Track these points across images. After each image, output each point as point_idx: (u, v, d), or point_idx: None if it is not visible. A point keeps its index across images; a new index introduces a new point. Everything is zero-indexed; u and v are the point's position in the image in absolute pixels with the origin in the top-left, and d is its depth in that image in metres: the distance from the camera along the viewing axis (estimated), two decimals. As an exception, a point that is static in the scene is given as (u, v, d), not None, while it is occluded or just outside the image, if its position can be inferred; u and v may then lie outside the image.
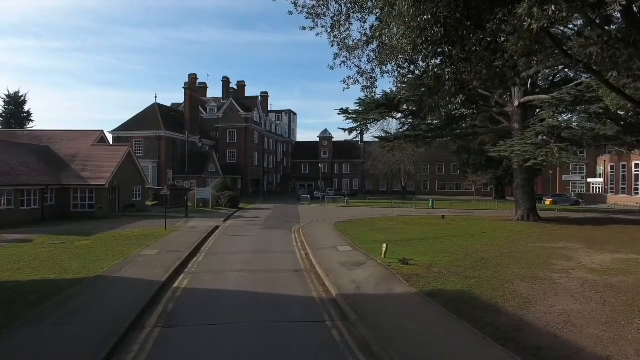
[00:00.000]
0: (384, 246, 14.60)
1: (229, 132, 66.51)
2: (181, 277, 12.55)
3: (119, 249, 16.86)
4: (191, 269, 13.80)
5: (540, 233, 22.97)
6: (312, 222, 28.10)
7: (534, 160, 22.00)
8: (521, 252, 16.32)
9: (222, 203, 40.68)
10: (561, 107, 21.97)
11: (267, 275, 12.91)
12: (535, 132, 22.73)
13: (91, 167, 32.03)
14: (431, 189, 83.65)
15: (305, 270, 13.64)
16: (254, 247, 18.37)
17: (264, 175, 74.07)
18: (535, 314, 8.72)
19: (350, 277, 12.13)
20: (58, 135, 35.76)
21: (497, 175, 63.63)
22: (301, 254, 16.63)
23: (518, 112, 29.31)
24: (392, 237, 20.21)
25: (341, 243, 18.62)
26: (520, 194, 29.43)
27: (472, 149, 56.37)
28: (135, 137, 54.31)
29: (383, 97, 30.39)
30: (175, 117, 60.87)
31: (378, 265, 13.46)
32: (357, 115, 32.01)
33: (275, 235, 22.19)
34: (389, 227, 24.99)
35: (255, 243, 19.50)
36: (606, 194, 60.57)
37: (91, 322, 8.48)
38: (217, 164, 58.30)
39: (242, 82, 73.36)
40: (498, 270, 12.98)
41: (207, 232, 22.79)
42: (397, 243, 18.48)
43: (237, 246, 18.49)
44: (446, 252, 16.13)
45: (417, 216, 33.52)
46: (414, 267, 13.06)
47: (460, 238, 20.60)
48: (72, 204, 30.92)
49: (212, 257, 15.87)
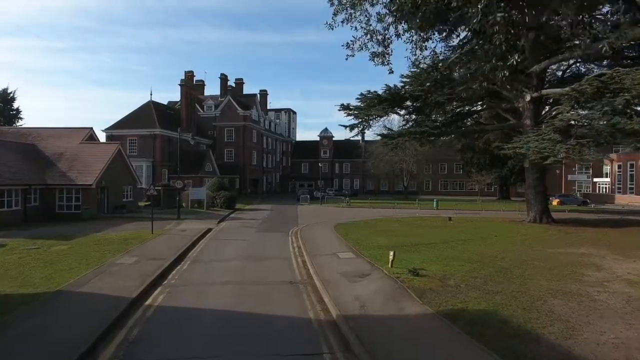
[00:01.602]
0: (390, 254, 12.91)
1: (226, 130, 64.80)
2: (157, 292, 10.85)
3: (96, 255, 15.19)
4: (171, 280, 12.09)
5: (557, 236, 21.27)
6: (311, 224, 26.42)
7: (553, 158, 20.30)
8: (543, 260, 14.62)
9: (218, 204, 39.01)
10: (581, 99, 20.27)
11: (257, 288, 11.21)
12: (553, 127, 21.02)
13: (78, 166, 30.36)
14: (433, 188, 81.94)
15: (301, 282, 11.95)
16: (246, 252, 16.68)
17: (262, 175, 72.36)
18: (585, 345, 7.02)
19: (353, 291, 10.44)
20: (45, 132, 34.09)
21: (501, 174, 61.98)
22: (298, 262, 14.94)
23: (530, 107, 27.58)
24: (397, 242, 18.53)
25: (342, 248, 16.93)
26: (532, 195, 27.72)
27: (477, 148, 54.67)
28: (130, 135, 52.69)
29: (386, 92, 28.65)
30: (172, 115, 59.18)
31: (385, 276, 11.77)
32: (358, 112, 30.26)
33: (271, 239, 20.50)
34: (392, 230, 23.30)
35: (248, 248, 17.81)
36: (613, 194, 58.90)
37: (29, 355, 6.79)
38: (214, 163, 56.64)
39: (241, 80, 71.64)
40: (523, 282, 11.28)
41: (198, 235, 21.13)
42: (404, 249, 16.79)
43: (228, 252, 16.79)
44: (460, 260, 14.43)
45: (421, 217, 31.82)
46: (426, 279, 11.36)
47: (472, 242, 18.91)
48: (58, 204, 29.24)
49: (198, 266, 14.17)
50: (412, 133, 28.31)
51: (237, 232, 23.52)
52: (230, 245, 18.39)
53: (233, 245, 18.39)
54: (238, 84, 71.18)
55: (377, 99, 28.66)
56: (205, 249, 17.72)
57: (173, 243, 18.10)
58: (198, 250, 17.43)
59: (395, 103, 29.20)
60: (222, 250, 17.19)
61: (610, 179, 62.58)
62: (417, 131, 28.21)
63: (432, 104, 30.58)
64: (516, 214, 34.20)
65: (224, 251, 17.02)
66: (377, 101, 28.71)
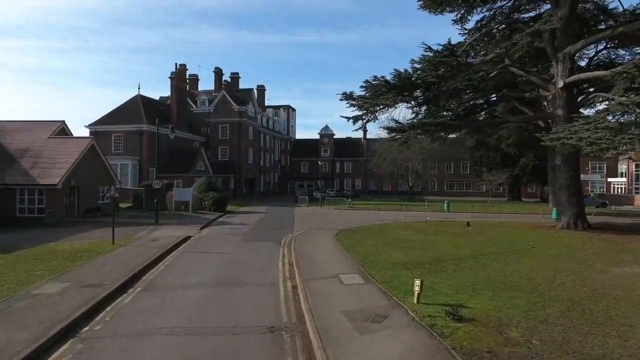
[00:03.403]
0: (416, 285, 9.03)
1: (220, 127, 60.93)
2: (59, 352, 6.99)
3: (20, 278, 11.42)
4: (94, 327, 8.15)
5: (606, 248, 17.41)
6: (308, 231, 22.61)
7: (613, 150, 16.54)
8: (620, 287, 10.76)
9: (206, 206, 35.19)
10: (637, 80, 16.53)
11: (215, 345, 7.32)
12: (607, 112, 17.24)
13: (43, 163, 26.54)
14: (439, 189, 78.10)
15: (287, 329, 8.09)
16: (220, 273, 12.82)
17: (259, 175, 68.47)
18: None
19: (367, 354, 6.61)
20: (10, 126, 30.20)
21: (513, 174, 58.13)
22: (287, 289, 11.10)
23: (562, 95, 23.74)
24: (415, 257, 14.73)
25: (346, 267, 13.09)
26: (564, 196, 23.85)
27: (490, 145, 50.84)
28: (115, 131, 48.92)
29: (395, 78, 24.79)
30: (162, 110, 55.26)
31: (411, 322, 7.91)
32: (363, 101, 26.43)
33: (257, 253, 16.66)
34: (405, 239, 19.46)
35: (226, 266, 13.97)
36: (630, 194, 55.19)
37: None
38: (206, 161, 52.81)
39: (236, 74, 67.77)
40: (621, 331, 7.45)
41: (169, 246, 17.32)
42: (425, 267, 12.98)
43: (197, 272, 12.94)
44: (507, 287, 10.60)
45: (434, 222, 27.97)
46: (475, 329, 7.51)
47: (508, 257, 15.07)
48: (19, 207, 25.42)
49: (147, 297, 10.30)
50: (426, 125, 24.37)
51: (220, 241, 19.69)
52: (203, 262, 14.54)
53: (207, 262, 14.54)
54: (234, 79, 67.36)
55: (384, 85, 24.80)
56: (170, 267, 13.88)
57: (132, 258, 14.29)
58: (161, 268, 13.60)
59: (404, 91, 25.31)
60: (190, 270, 13.35)
61: (627, 179, 58.94)
62: (432, 122, 24.26)
63: (447, 93, 26.71)
64: (540, 218, 30.37)
65: (192, 271, 13.19)
66: (385, 89, 24.85)
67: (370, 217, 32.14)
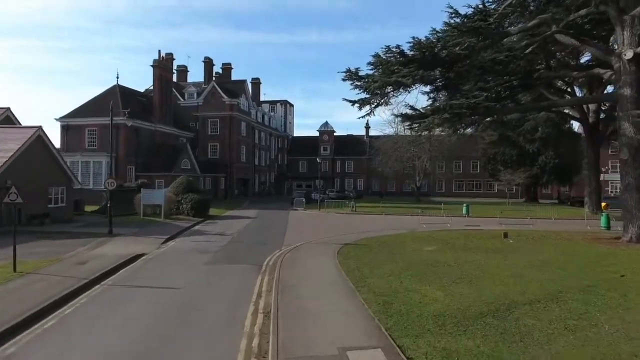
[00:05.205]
0: None
1: (210, 122, 55.54)
2: None
3: None
4: None
5: None
6: (301, 246, 17.22)
7: None
8: None
9: (184, 210, 29.78)
10: None
11: None
12: None
13: (-29, 158, 21.22)
14: (447, 189, 72.80)
15: None
16: (132, 346, 7.38)
17: (254, 174, 63.00)
18: None
19: None
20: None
21: (532, 173, 52.79)
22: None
23: (630, 69, 18.35)
24: (463, 298, 9.32)
25: (357, 327, 7.65)
26: (633, 200, 18.41)
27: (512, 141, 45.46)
28: (89, 125, 43.49)
29: (413, 48, 19.38)
30: (143, 102, 49.92)
31: None
32: (371, 81, 21.03)
33: (222, 287, 11.22)
34: (435, 261, 13.99)
35: (158, 321, 8.53)
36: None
37: None
38: (192, 159, 47.41)
39: (228, 65, 62.28)
40: None
41: (99, 273, 12.01)
42: (490, 324, 7.57)
43: (92, 343, 7.50)
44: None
45: (459, 231, 22.53)
46: None
47: (604, 295, 9.61)
48: (-63, 214, 20.09)
49: None
50: (455, 107, 18.77)
51: (175, 265, 14.20)
52: (124, 313, 9.03)
53: (130, 313, 9.01)
54: (225, 69, 61.88)
55: (399, 59, 19.34)
56: (61, 324, 8.41)
57: (14, 303, 8.87)
58: (47, 325, 8.15)
59: (425, 66, 19.83)
60: (84, 336, 7.87)
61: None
62: (463, 104, 18.68)
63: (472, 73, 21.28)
64: (585, 226, 24.97)
65: (84, 340, 7.71)
66: (400, 62, 19.40)
67: (378, 223, 26.71)
